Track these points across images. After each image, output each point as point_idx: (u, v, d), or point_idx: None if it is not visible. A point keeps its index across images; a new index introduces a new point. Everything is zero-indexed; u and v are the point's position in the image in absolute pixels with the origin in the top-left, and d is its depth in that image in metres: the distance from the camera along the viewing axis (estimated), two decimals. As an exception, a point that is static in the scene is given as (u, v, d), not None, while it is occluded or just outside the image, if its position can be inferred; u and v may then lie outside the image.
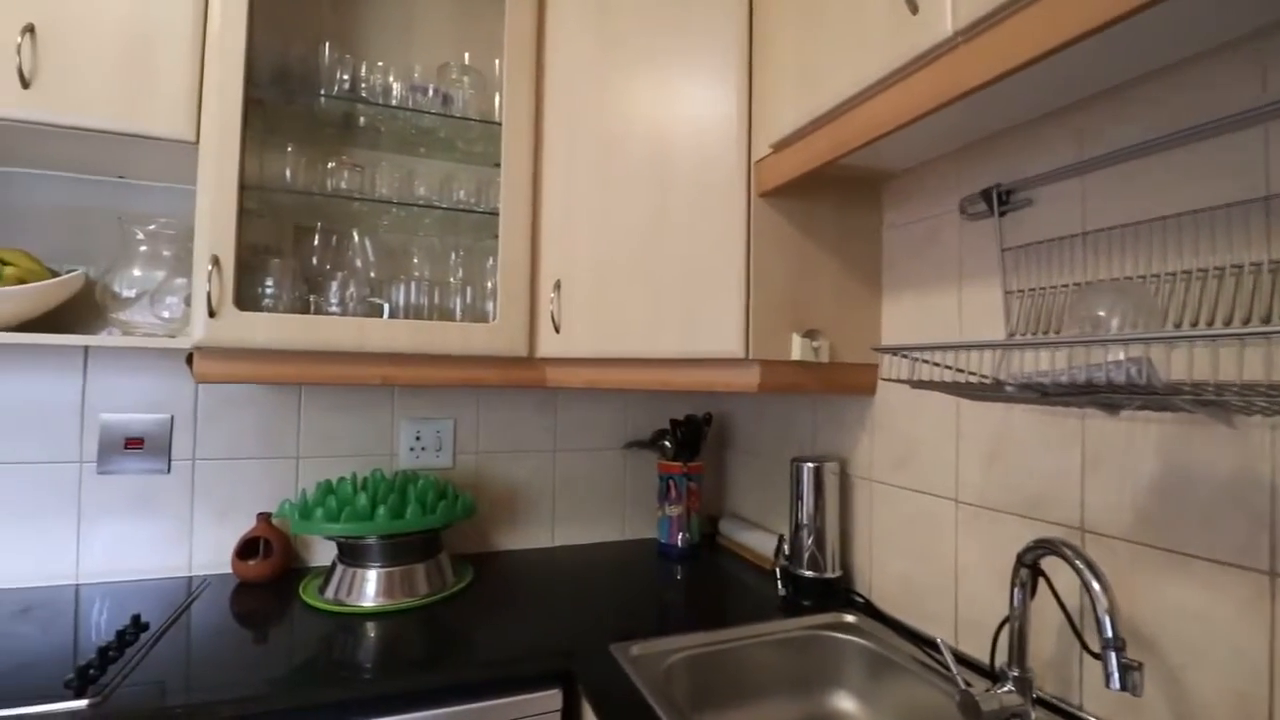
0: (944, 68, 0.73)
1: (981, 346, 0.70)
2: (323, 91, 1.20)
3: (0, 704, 0.78)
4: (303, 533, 1.15)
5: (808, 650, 1.08)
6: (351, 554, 1.19)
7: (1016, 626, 0.79)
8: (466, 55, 1.37)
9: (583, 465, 1.60)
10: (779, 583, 1.23)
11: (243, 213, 1.07)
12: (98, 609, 1.10)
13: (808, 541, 1.21)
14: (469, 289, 1.33)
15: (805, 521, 1.21)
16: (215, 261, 1.04)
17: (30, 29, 0.95)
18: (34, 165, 1.19)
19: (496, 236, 1.23)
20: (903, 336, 1.13)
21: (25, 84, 0.95)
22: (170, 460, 1.29)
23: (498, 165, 1.24)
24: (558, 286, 1.22)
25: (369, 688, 0.89)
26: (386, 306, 1.26)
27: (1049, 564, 0.76)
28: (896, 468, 1.13)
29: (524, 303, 1.23)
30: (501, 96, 1.25)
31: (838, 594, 1.20)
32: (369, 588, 1.16)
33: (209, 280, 1.04)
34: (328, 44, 1.23)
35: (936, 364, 0.87)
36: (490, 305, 1.30)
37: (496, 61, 1.34)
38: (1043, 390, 0.65)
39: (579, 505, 1.59)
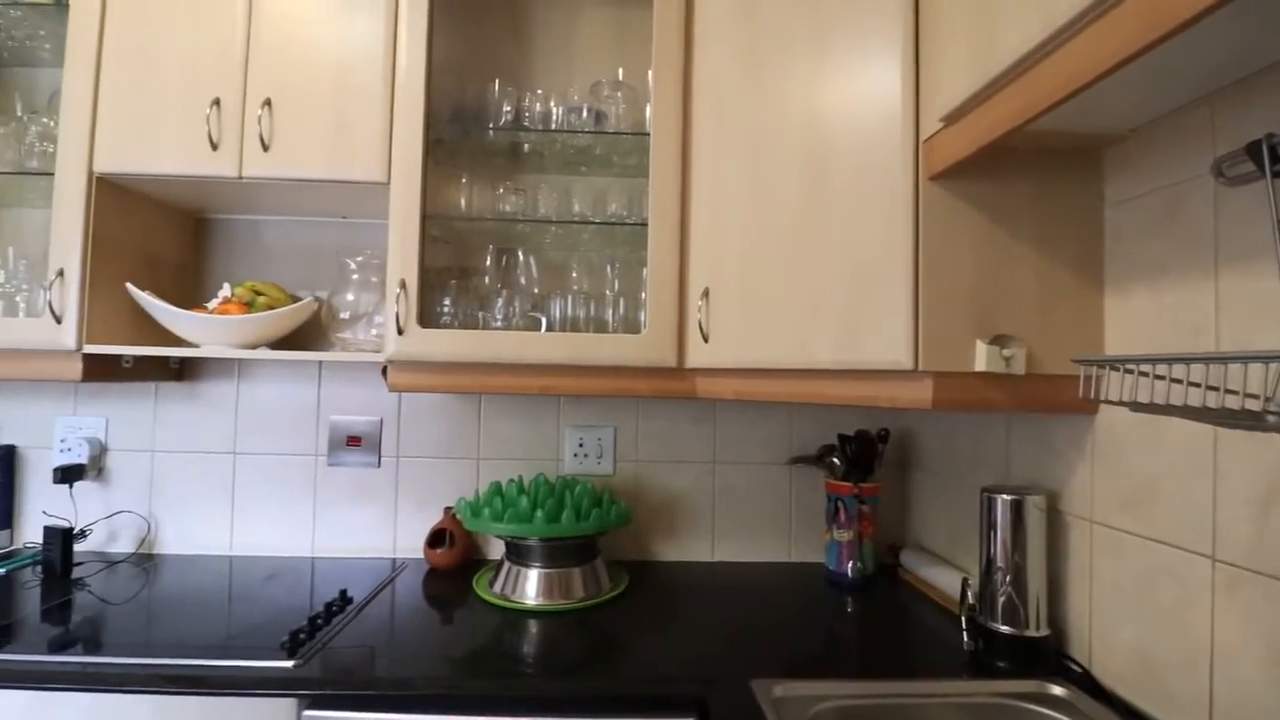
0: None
1: (1238, 359, 0.51)
2: (491, 125, 1.31)
3: (235, 655, 0.96)
4: (473, 529, 1.25)
5: (997, 723, 0.90)
6: (517, 553, 1.27)
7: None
8: (620, 71, 1.39)
9: (744, 479, 1.53)
10: (964, 634, 1.04)
11: (425, 240, 1.21)
12: (321, 580, 1.32)
13: (1002, 588, 1.00)
14: (623, 301, 1.34)
15: (1000, 564, 1.01)
16: (403, 285, 1.18)
17: (268, 103, 1.17)
18: (277, 213, 1.47)
19: (648, 248, 1.23)
20: (1133, 342, 0.88)
21: (265, 148, 1.18)
22: (380, 456, 1.50)
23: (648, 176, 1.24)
24: (706, 295, 1.18)
25: (521, 688, 0.93)
26: (544, 320, 1.33)
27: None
28: (1126, 508, 0.88)
29: (672, 312, 1.21)
30: (651, 107, 1.24)
31: (1044, 658, 0.98)
32: (530, 587, 1.23)
33: (398, 302, 1.18)
34: (496, 81, 1.33)
35: (1176, 381, 0.66)
36: (641, 316, 1.30)
37: (649, 73, 1.34)
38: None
39: (740, 521, 1.52)
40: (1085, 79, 0.64)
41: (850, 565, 1.34)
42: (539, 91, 1.34)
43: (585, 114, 1.31)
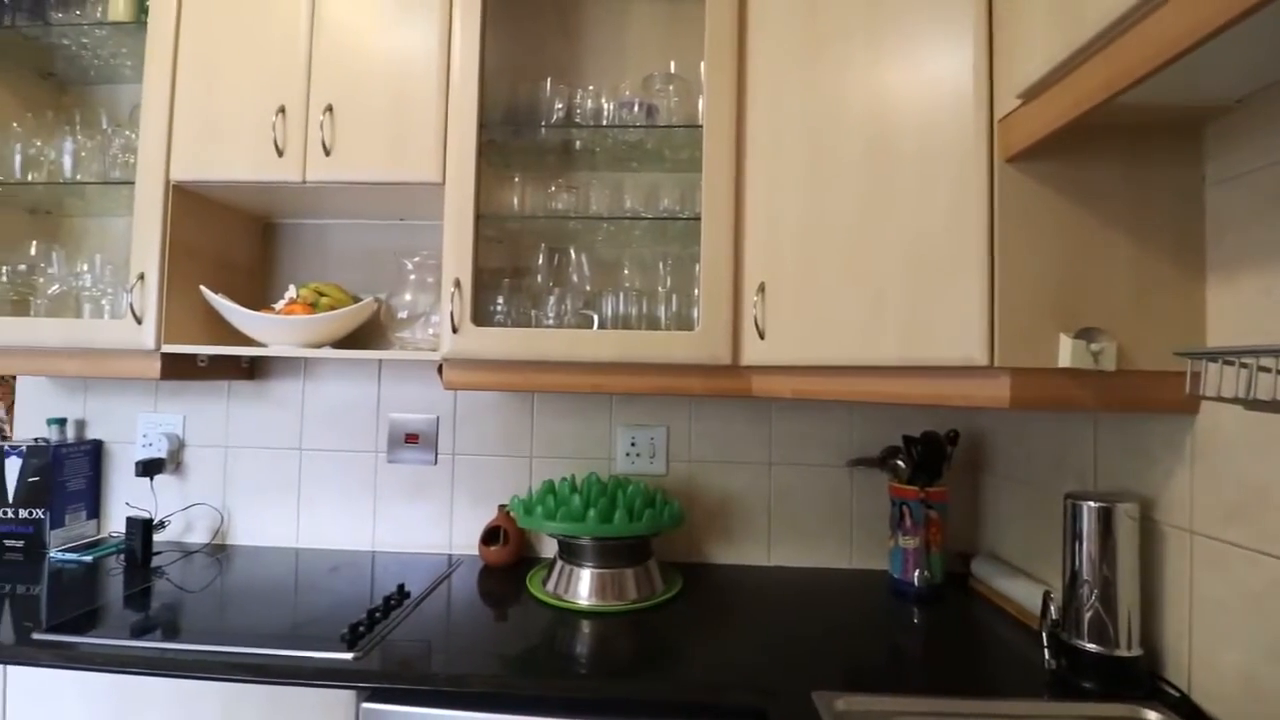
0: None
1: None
2: (542, 123, 1.30)
3: (299, 645, 0.98)
4: (526, 527, 1.25)
5: (1084, 749, 0.83)
6: (569, 552, 1.26)
7: None
8: (672, 64, 1.36)
9: (801, 481, 1.47)
10: (1045, 650, 0.96)
11: (479, 240, 1.21)
12: (380, 574, 1.34)
13: (1089, 603, 0.93)
14: (676, 298, 1.32)
15: (1086, 577, 0.93)
16: (457, 284, 1.19)
17: (329, 109, 1.20)
18: (339, 217, 1.52)
19: (701, 243, 1.20)
20: (1239, 336, 0.80)
21: (327, 153, 1.21)
22: (437, 454, 1.52)
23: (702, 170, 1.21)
24: (761, 290, 1.14)
25: (576, 689, 0.91)
26: (596, 318, 1.32)
27: None
28: (1232, 518, 0.80)
29: (726, 309, 1.17)
30: (704, 99, 1.21)
31: (1136, 680, 0.89)
32: (583, 587, 1.21)
33: (452, 301, 1.19)
34: (548, 80, 1.33)
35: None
36: (695, 312, 1.27)
37: (701, 65, 1.31)
38: None
39: (798, 525, 1.47)
40: (1186, 44, 0.58)
41: (917, 574, 1.27)
42: (590, 88, 1.33)
43: (636, 108, 1.29)
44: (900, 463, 1.33)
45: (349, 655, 0.95)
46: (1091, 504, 0.93)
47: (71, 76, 1.55)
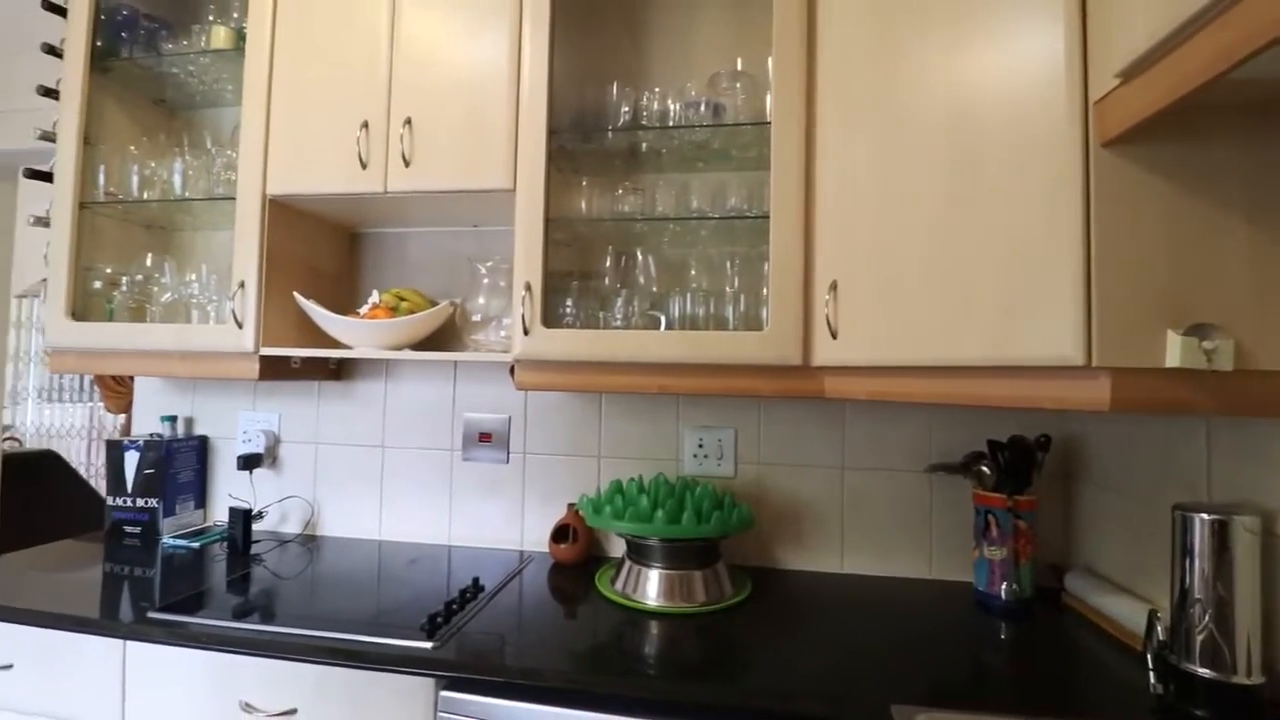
0: None
1: None
2: (610, 126, 1.32)
3: (382, 633, 1.03)
4: (595, 526, 1.26)
5: (1199, 783, 0.76)
6: (637, 552, 1.27)
7: None
8: (739, 61, 1.35)
9: (876, 486, 1.42)
10: (1151, 674, 0.89)
11: (549, 244, 1.24)
12: (455, 568, 1.39)
13: (1201, 624, 0.85)
14: (744, 297, 1.30)
15: (1198, 596, 0.86)
16: (528, 287, 1.22)
17: (408, 122, 1.26)
18: (417, 225, 1.58)
19: (770, 241, 1.18)
20: (1389, 328, 0.71)
21: (406, 164, 1.27)
22: (509, 452, 1.56)
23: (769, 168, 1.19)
24: (834, 288, 1.11)
25: (644, 689, 0.92)
26: (663, 319, 1.32)
27: None
28: (1380, 536, 0.71)
29: (796, 308, 1.15)
30: (771, 94, 1.19)
31: (1256, 709, 0.81)
32: (651, 587, 1.22)
33: (523, 303, 1.22)
34: (615, 84, 1.34)
35: None
36: (764, 312, 1.25)
37: (769, 60, 1.30)
38: None
39: (873, 531, 1.42)
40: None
41: (1004, 586, 1.20)
42: (656, 90, 1.33)
43: (703, 108, 1.28)
44: (985, 469, 1.26)
45: (428, 644, 0.99)
46: (1204, 516, 0.85)
47: (179, 102, 1.69)
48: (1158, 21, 0.68)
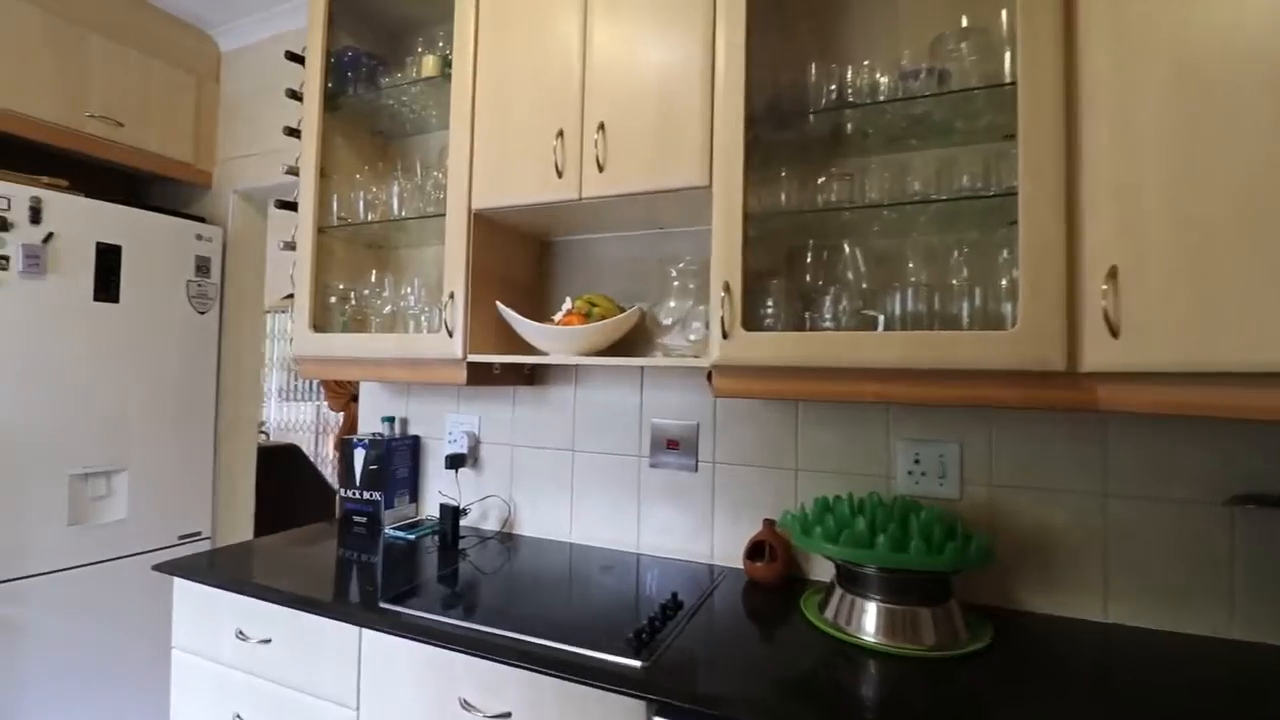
0: None
1: None
2: (811, 109, 1.20)
3: (583, 644, 1.01)
4: (804, 548, 1.15)
5: None
6: (850, 579, 1.14)
7: None
8: (964, 19, 1.17)
9: (1153, 520, 1.15)
10: None
11: (746, 241, 1.16)
12: (647, 578, 1.36)
13: None
14: (976, 290, 1.12)
15: None
16: (726, 288, 1.15)
17: (601, 127, 1.25)
18: (605, 230, 1.58)
19: (1012, 223, 1.00)
20: None
21: (600, 169, 1.25)
22: (697, 461, 1.50)
23: (1009, 137, 1.01)
24: (1113, 276, 0.90)
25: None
26: (881, 318, 1.17)
27: None
28: None
29: (1057, 300, 0.95)
30: (1013, 50, 1.01)
31: None
32: (868, 621, 1.08)
33: (721, 305, 1.15)
34: (813, 64, 1.23)
35: None
36: (1007, 308, 1.06)
37: (1003, 12, 1.10)
38: None
39: (1146, 574, 1.15)
40: None
41: (1365, 663, 0.91)
42: (865, 64, 1.19)
43: (925, 76, 1.12)
44: (1327, 505, 0.96)
45: (637, 663, 0.95)
46: None
47: (393, 131, 1.85)
48: None
